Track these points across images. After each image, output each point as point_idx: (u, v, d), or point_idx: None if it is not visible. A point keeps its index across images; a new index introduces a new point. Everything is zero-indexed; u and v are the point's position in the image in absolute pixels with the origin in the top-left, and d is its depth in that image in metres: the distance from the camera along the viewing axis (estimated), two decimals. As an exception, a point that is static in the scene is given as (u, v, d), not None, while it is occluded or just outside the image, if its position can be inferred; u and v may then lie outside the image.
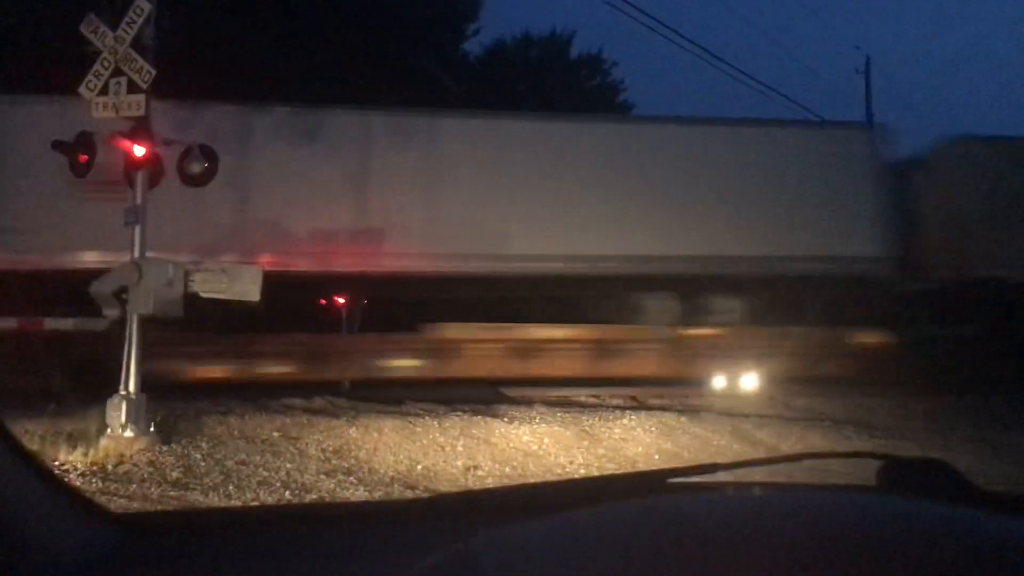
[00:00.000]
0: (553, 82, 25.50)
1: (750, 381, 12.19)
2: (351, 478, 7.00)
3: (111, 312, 8.11)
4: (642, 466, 8.05)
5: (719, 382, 12.30)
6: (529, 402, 10.26)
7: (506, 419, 9.10)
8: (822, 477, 2.04)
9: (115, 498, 6.10)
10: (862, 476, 1.65)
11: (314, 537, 1.48)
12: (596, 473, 7.78)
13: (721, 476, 1.61)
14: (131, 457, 7.12)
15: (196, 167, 8.29)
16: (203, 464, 7.11)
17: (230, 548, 1.42)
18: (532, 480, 7.48)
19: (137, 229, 7.87)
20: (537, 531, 0.91)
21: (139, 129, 7.81)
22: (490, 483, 7.32)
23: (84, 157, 7.97)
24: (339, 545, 1.45)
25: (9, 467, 1.28)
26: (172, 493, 6.32)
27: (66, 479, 6.24)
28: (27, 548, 1.22)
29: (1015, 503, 1.48)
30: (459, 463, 7.78)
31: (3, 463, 1.27)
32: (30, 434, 7.28)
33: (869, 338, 13.31)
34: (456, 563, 0.83)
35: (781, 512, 1.10)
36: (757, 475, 1.70)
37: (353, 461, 7.58)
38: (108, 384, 7.70)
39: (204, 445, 7.58)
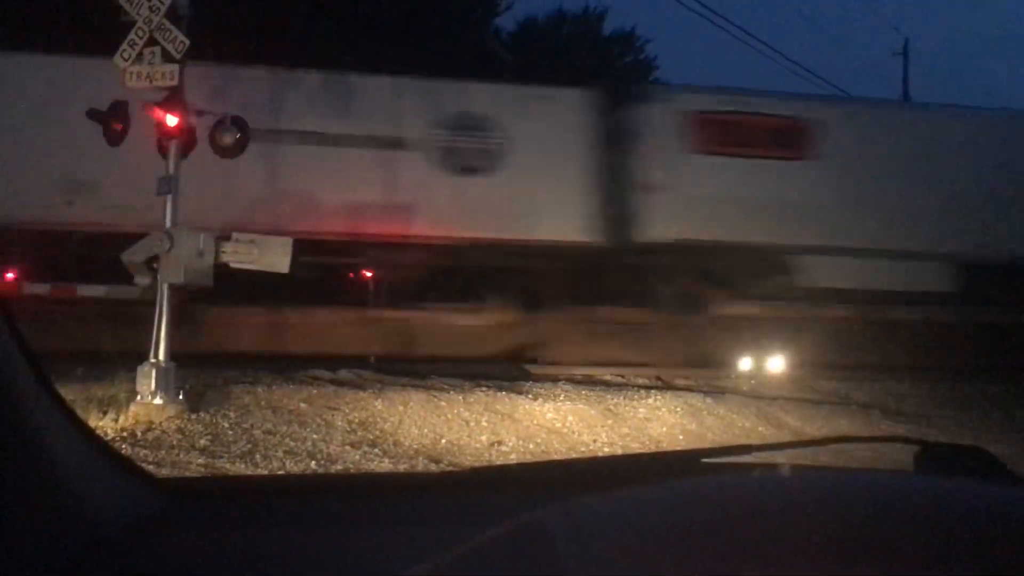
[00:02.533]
0: (585, 59, 25.29)
1: (776, 363, 12.13)
2: (376, 450, 7.05)
3: (142, 280, 8.20)
4: (666, 446, 8.05)
5: (745, 364, 12.24)
6: (554, 379, 10.26)
7: (530, 396, 9.11)
8: (849, 462, 2.02)
9: (144, 464, 6.18)
10: (891, 462, 1.64)
11: (362, 506, 1.50)
12: (620, 451, 7.80)
13: (753, 458, 1.61)
14: (160, 424, 7.22)
15: (228, 138, 8.33)
16: (230, 433, 7.20)
17: (276, 515, 1.45)
18: (556, 457, 7.52)
19: (169, 199, 7.93)
20: (603, 505, 0.91)
21: (172, 99, 7.85)
22: (514, 459, 7.35)
23: (119, 126, 8.02)
24: (386, 515, 1.47)
25: (61, 432, 1.32)
26: (200, 460, 6.40)
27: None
28: (77, 509, 1.26)
29: None
30: (483, 438, 7.81)
31: (55, 428, 1.30)
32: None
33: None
34: (526, 532, 0.83)
35: (830, 493, 1.09)
36: (791, 458, 1.69)
37: (378, 433, 7.64)
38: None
39: (232, 414, 7.67)
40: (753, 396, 10.17)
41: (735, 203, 12.52)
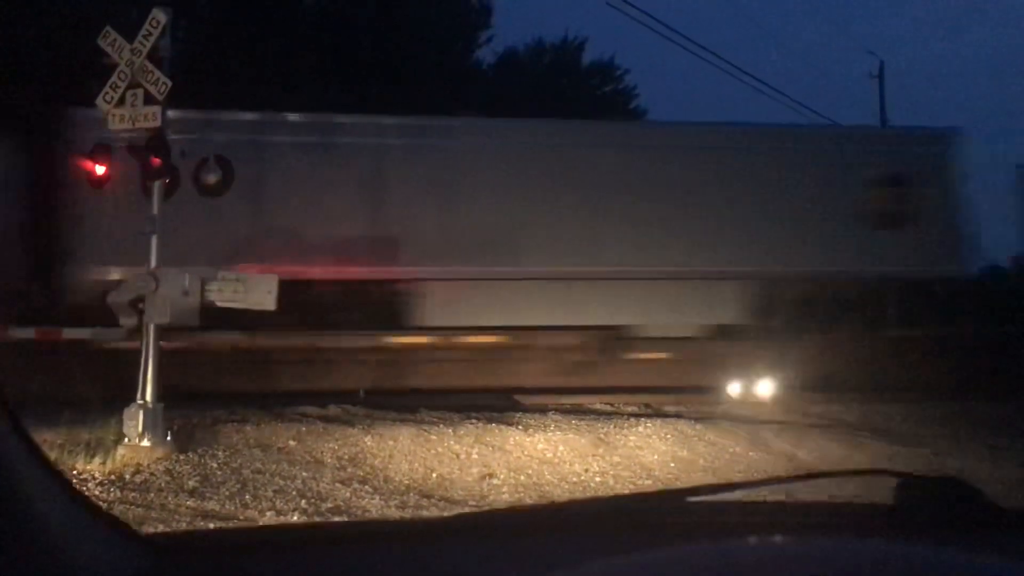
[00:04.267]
0: (565, 89, 25.52)
1: (765, 387, 12.16)
2: (366, 486, 7.01)
3: (128, 322, 8.18)
4: (658, 474, 8.04)
5: (734, 389, 12.27)
6: (543, 409, 10.24)
7: (520, 427, 9.09)
8: (839, 491, 2.04)
9: (133, 507, 6.14)
10: (880, 491, 1.65)
11: (352, 558, 1.47)
12: (612, 481, 7.77)
13: (739, 495, 1.62)
14: (148, 466, 7.16)
15: (212, 177, 8.35)
16: (219, 473, 7.15)
17: (261, 571, 1.42)
18: (547, 488, 7.49)
19: (154, 239, 7.92)
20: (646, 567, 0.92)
21: (155, 140, 7.87)
22: (505, 491, 7.32)
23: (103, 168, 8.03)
24: (376, 567, 1.44)
25: (40, 489, 1.27)
26: (189, 502, 6.35)
27: (92, 498, 6.28)
28: (58, 569, 1.22)
29: None
30: (474, 471, 7.78)
31: (34, 485, 1.26)
32: (48, 443, 7.34)
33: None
34: None
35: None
36: (774, 494, 1.70)
37: (368, 469, 7.60)
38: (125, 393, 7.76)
39: (220, 454, 7.62)
40: (743, 421, 10.17)
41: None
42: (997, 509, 1.50)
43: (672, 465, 8.35)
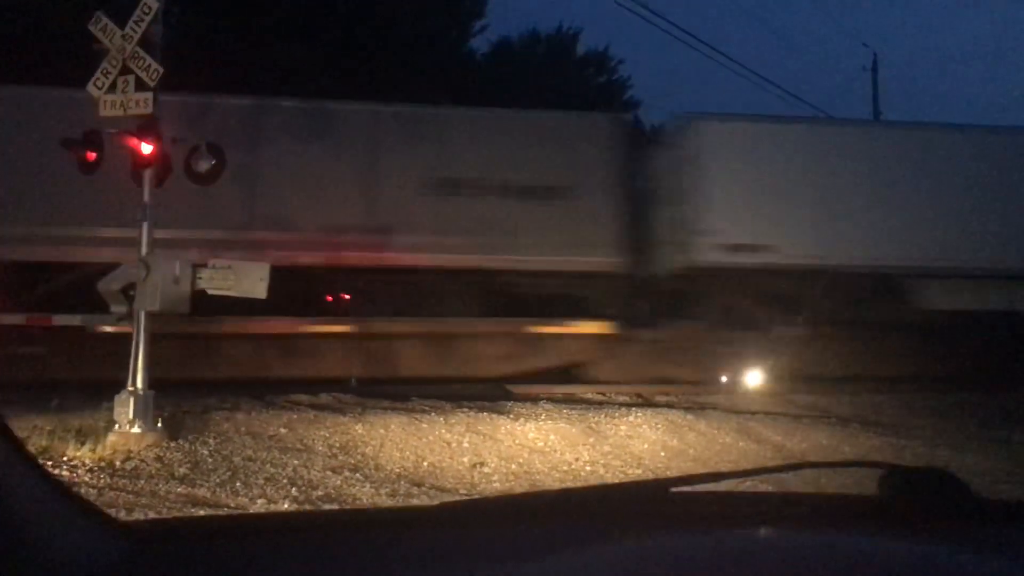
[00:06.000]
0: (559, 79, 25.47)
1: (755, 378, 12.21)
2: (357, 475, 7.02)
3: (118, 309, 8.15)
4: (648, 463, 8.06)
5: (725, 379, 12.33)
6: (535, 399, 10.27)
7: (512, 416, 9.11)
8: (826, 481, 2.04)
9: (123, 494, 6.14)
10: (866, 482, 1.66)
11: (335, 546, 1.46)
12: (602, 470, 7.80)
13: (723, 486, 1.62)
14: (139, 453, 7.16)
15: (204, 165, 8.30)
16: (210, 460, 7.15)
17: (242, 557, 1.40)
18: (538, 477, 7.51)
19: (145, 226, 7.89)
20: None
21: (147, 127, 7.83)
22: (496, 480, 7.34)
23: (92, 155, 7.98)
24: (359, 555, 1.43)
25: (15, 475, 1.24)
26: (179, 489, 6.35)
27: (74, 484, 6.28)
28: (34, 558, 1.18)
29: (1015, 512, 1.48)
30: (465, 460, 7.80)
31: (9, 471, 1.23)
32: (39, 429, 7.34)
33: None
34: None
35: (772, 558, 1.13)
36: (759, 484, 1.71)
37: (359, 457, 7.61)
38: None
39: (211, 441, 7.62)
40: (733, 411, 10.22)
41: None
42: (982, 501, 1.51)
43: (662, 454, 8.38)
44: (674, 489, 1.62)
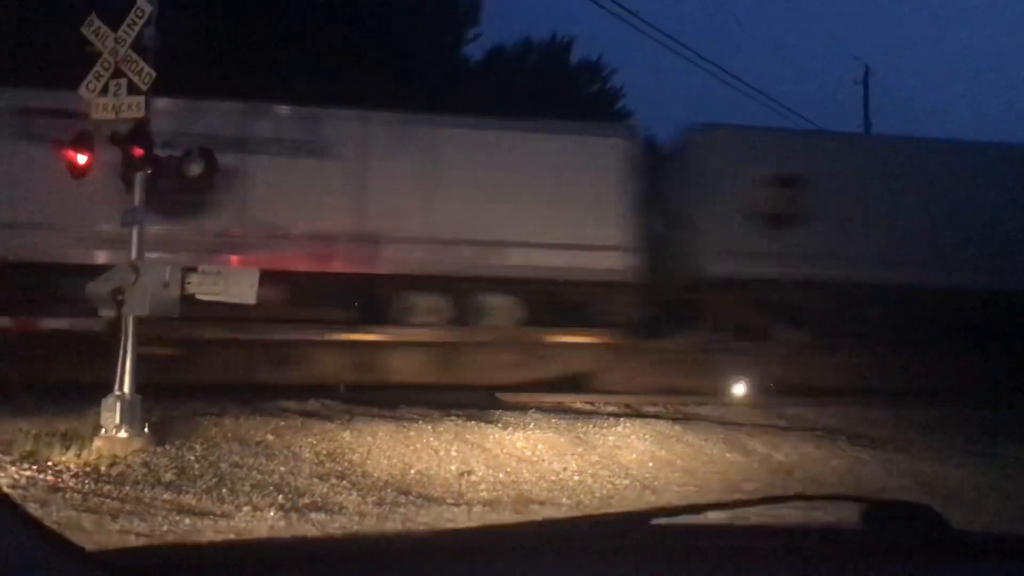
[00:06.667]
0: (552, 88, 25.51)
1: (744, 389, 12.23)
2: (344, 482, 7.00)
3: (107, 313, 8.11)
4: (635, 474, 8.07)
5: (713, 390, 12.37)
6: (524, 408, 10.25)
7: (500, 424, 9.10)
8: (801, 517, 2.04)
9: (108, 500, 6.10)
10: (847, 513, 1.67)
11: None
12: (590, 480, 7.80)
13: (702, 519, 1.62)
14: (125, 458, 7.12)
15: (195, 169, 8.28)
16: (197, 466, 7.11)
17: None
18: (526, 486, 7.50)
19: (135, 230, 7.86)
20: None
21: (138, 130, 7.81)
22: (483, 489, 7.33)
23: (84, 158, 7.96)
24: None
25: None
26: (165, 496, 6.32)
27: (59, 489, 6.24)
28: None
29: (992, 545, 1.50)
30: (452, 468, 7.78)
31: None
32: (24, 433, 7.29)
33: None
34: None
35: None
36: (739, 517, 1.72)
37: (347, 465, 7.58)
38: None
39: (198, 447, 7.58)
40: (721, 423, 10.23)
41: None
42: (960, 534, 1.52)
43: (650, 465, 8.39)
44: (655, 521, 1.62)
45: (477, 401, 10.71)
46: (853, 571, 1.15)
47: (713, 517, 1.65)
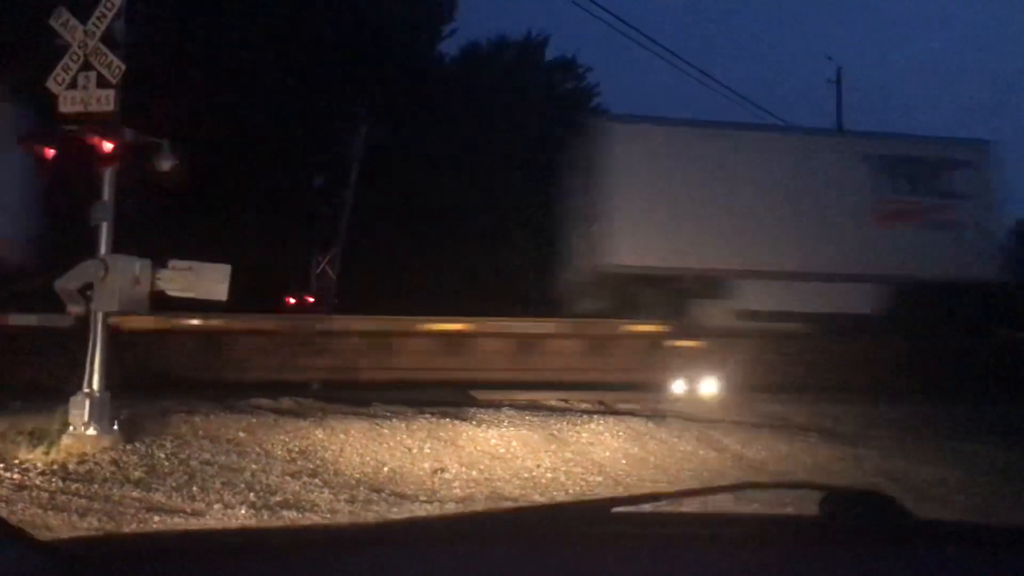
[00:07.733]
0: (528, 85, 25.52)
1: (717, 386, 12.32)
2: (316, 480, 6.96)
3: (76, 309, 8.01)
4: (609, 471, 8.08)
5: (685, 387, 12.45)
6: (497, 405, 10.24)
7: (474, 422, 9.08)
8: (770, 500, 2.06)
9: (76, 498, 6.03)
10: (807, 503, 1.68)
11: (269, 569, 1.41)
12: (563, 477, 7.80)
13: (665, 505, 1.63)
14: (93, 456, 7.04)
15: (166, 164, 8.19)
16: (167, 464, 7.05)
17: None
18: (499, 483, 7.50)
19: (104, 226, 7.77)
20: None
21: (108, 124, 7.71)
22: (456, 486, 7.32)
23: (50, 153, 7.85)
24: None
25: None
26: (134, 494, 6.25)
27: (25, 487, 6.17)
28: None
29: (950, 531, 1.51)
30: (426, 465, 7.76)
31: None
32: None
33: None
34: None
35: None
36: (699, 505, 1.73)
37: (319, 462, 7.54)
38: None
39: (168, 444, 7.51)
40: (694, 420, 10.27)
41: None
42: (919, 522, 1.54)
43: (623, 462, 8.40)
44: (616, 510, 1.62)
45: (451, 398, 10.69)
46: (813, 557, 1.16)
47: (673, 505, 1.66)
